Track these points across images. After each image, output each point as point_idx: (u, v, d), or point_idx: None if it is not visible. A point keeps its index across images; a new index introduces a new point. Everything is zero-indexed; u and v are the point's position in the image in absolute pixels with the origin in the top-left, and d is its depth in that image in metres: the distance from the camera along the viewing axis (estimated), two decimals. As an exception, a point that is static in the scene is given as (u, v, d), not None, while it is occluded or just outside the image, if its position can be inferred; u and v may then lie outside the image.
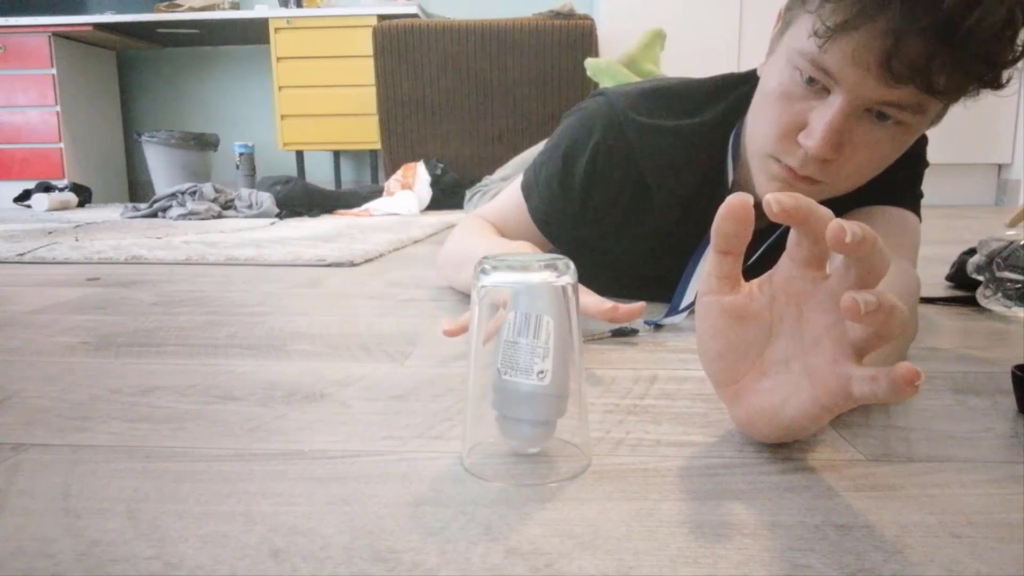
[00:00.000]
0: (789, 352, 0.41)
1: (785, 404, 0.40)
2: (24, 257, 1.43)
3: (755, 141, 0.69)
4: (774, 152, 0.65)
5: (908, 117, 0.59)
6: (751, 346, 0.42)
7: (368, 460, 0.44)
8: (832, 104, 0.59)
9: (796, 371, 0.40)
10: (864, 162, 0.63)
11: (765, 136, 0.66)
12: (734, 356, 0.43)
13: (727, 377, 0.44)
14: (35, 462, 0.44)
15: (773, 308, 0.42)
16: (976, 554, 0.33)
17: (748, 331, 0.42)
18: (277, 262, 1.35)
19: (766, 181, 0.68)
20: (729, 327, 0.42)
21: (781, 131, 0.63)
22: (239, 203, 2.47)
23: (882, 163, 0.65)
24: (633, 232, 0.85)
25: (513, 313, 0.41)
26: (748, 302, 0.42)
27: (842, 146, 0.60)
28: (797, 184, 0.65)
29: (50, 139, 3.51)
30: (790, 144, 0.63)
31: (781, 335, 0.41)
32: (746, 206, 0.39)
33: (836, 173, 0.63)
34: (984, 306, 0.87)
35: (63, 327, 0.82)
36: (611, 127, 0.80)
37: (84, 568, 0.32)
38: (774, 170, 0.66)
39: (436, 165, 2.90)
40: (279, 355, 0.69)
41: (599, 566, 0.32)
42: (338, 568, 0.32)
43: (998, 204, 3.12)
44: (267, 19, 3.38)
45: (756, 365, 0.43)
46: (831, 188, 0.66)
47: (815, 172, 0.63)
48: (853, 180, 0.66)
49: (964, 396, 0.55)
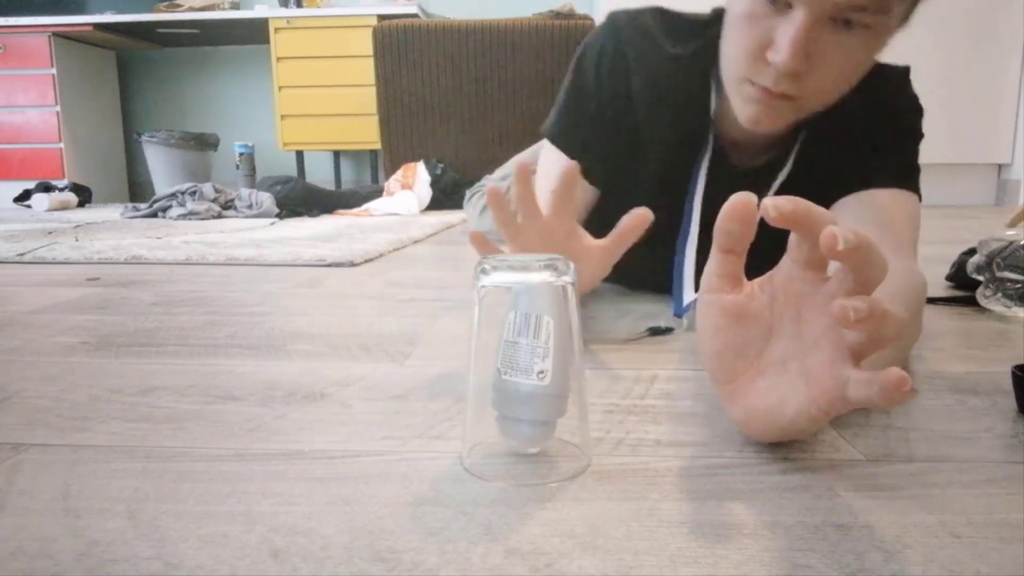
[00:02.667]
0: (788, 353, 0.41)
1: (782, 405, 0.40)
2: (24, 257, 1.43)
3: (728, 67, 0.70)
4: (747, 74, 0.66)
5: (872, 19, 0.60)
6: (750, 345, 0.42)
7: (368, 460, 0.44)
8: (795, 18, 0.60)
9: (794, 372, 0.40)
10: (837, 71, 0.64)
11: (736, 60, 0.67)
12: (733, 355, 0.43)
13: (725, 375, 0.44)
14: (35, 462, 0.44)
15: (773, 308, 0.42)
16: (976, 554, 0.33)
17: (747, 331, 0.42)
18: (277, 262, 1.35)
19: (743, 105, 0.69)
20: (729, 326, 0.42)
21: (750, 52, 0.64)
22: (239, 203, 2.47)
23: (856, 70, 0.66)
24: (640, 157, 0.86)
25: (513, 313, 0.41)
26: (748, 302, 0.42)
27: (811, 57, 0.61)
28: (774, 103, 0.66)
29: (50, 139, 3.51)
30: (760, 64, 0.64)
31: (780, 335, 0.41)
32: (749, 206, 0.39)
33: (811, 86, 0.64)
34: (984, 306, 0.87)
35: (63, 327, 0.82)
36: (612, 38, 0.83)
37: (84, 568, 0.32)
38: (750, 92, 0.67)
39: (436, 165, 2.90)
40: (279, 355, 0.69)
41: (599, 566, 0.32)
42: (338, 568, 0.32)
43: (998, 204, 3.12)
44: (267, 19, 3.38)
45: (755, 364, 0.43)
46: (809, 102, 0.67)
47: (789, 87, 0.64)
48: (829, 91, 0.67)
49: (964, 396, 0.55)
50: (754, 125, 0.69)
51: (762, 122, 0.68)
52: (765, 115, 0.68)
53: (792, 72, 0.62)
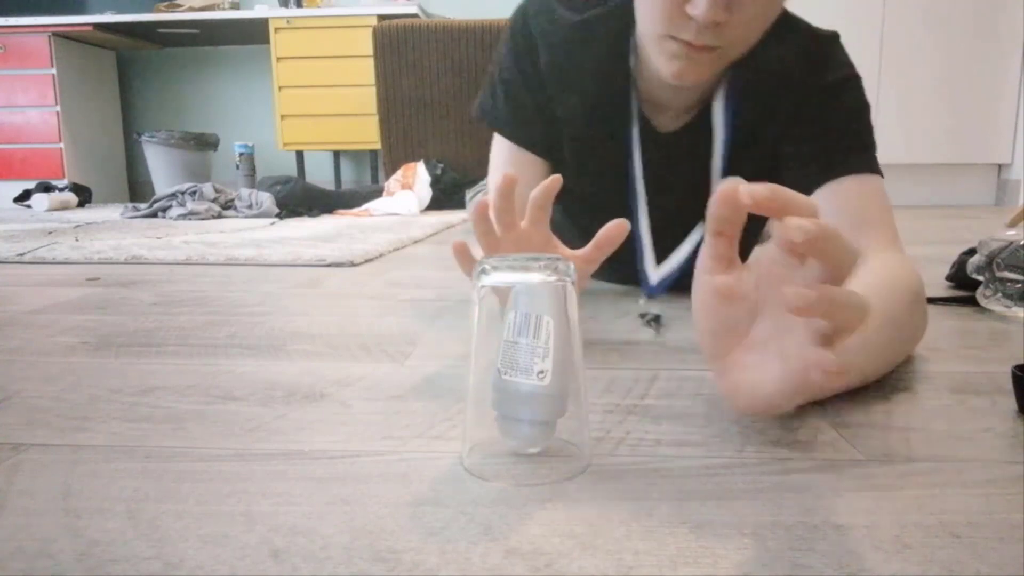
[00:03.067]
0: (769, 333, 0.43)
1: (763, 382, 0.42)
2: (24, 257, 1.43)
3: (646, 24, 0.70)
4: (667, 31, 0.66)
5: None
6: (738, 324, 0.44)
7: (368, 460, 0.44)
8: None
9: (773, 352, 0.42)
10: (755, 15, 0.65)
11: (654, 18, 0.67)
12: (723, 332, 0.45)
13: (716, 351, 0.46)
14: (35, 462, 0.44)
15: (759, 289, 0.43)
16: (976, 554, 0.33)
17: (735, 310, 0.44)
18: (277, 262, 1.35)
19: (667, 61, 0.69)
20: (719, 305, 0.44)
21: (668, 8, 0.64)
22: (239, 203, 2.47)
23: (770, 14, 0.66)
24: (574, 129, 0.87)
25: (513, 313, 0.41)
26: (737, 283, 0.43)
27: (729, 6, 0.62)
28: (697, 56, 0.66)
29: (50, 139, 3.51)
30: (680, 18, 0.64)
31: (764, 316, 0.43)
32: (738, 192, 0.39)
33: (731, 34, 0.65)
34: (984, 306, 0.87)
35: (63, 327, 0.82)
36: (520, 20, 0.85)
37: (84, 568, 0.32)
38: (673, 48, 0.67)
39: (436, 165, 2.90)
40: (279, 355, 0.69)
41: (599, 566, 0.32)
42: (338, 568, 0.32)
43: (998, 204, 3.12)
44: (267, 19, 3.38)
45: (744, 342, 0.44)
46: (730, 51, 0.68)
47: (711, 39, 0.65)
48: (750, 36, 0.68)
49: (964, 396, 0.55)
50: (679, 80, 0.69)
51: (687, 76, 0.69)
52: (689, 69, 0.68)
53: (714, 22, 0.62)
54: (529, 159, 0.87)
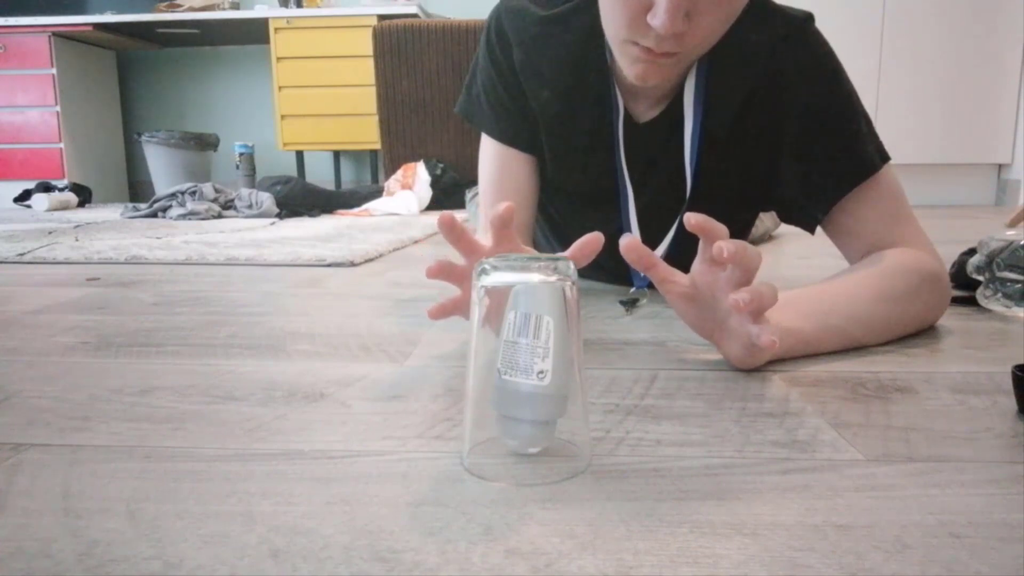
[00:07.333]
0: (721, 318, 0.60)
1: (733, 350, 0.60)
2: (24, 257, 1.43)
3: (609, 27, 0.71)
4: (629, 36, 0.67)
5: None
6: (705, 314, 0.62)
7: (368, 460, 0.44)
8: None
9: (728, 330, 0.60)
10: (715, 22, 0.65)
11: (617, 24, 0.68)
12: (700, 322, 0.63)
13: (704, 335, 0.64)
14: (35, 462, 0.44)
15: (704, 291, 0.60)
16: (976, 554, 0.33)
17: (698, 307, 0.62)
18: (277, 262, 1.35)
19: (630, 64, 0.70)
20: (687, 306, 0.62)
21: (629, 16, 0.65)
22: (239, 203, 2.47)
23: (731, 16, 0.67)
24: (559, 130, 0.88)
25: (513, 313, 0.41)
26: (690, 289, 0.61)
27: (689, 15, 0.62)
28: (659, 60, 0.68)
29: (50, 139, 3.51)
30: (642, 26, 0.65)
31: (715, 308, 0.60)
32: (633, 245, 0.58)
33: (692, 41, 0.66)
34: (984, 306, 0.87)
35: (63, 327, 0.82)
36: (495, 20, 0.86)
37: (84, 568, 0.32)
38: (634, 53, 0.68)
39: (436, 165, 2.90)
40: (279, 355, 0.69)
41: (599, 566, 0.32)
42: (338, 568, 0.32)
43: (998, 204, 3.12)
44: (267, 19, 3.38)
45: (716, 324, 0.61)
46: (692, 54, 0.70)
47: (672, 46, 0.66)
48: (709, 41, 0.68)
49: (964, 396, 0.55)
50: (642, 81, 0.71)
51: (650, 78, 0.70)
52: (652, 71, 0.69)
53: (673, 33, 0.63)
54: (515, 155, 0.88)
